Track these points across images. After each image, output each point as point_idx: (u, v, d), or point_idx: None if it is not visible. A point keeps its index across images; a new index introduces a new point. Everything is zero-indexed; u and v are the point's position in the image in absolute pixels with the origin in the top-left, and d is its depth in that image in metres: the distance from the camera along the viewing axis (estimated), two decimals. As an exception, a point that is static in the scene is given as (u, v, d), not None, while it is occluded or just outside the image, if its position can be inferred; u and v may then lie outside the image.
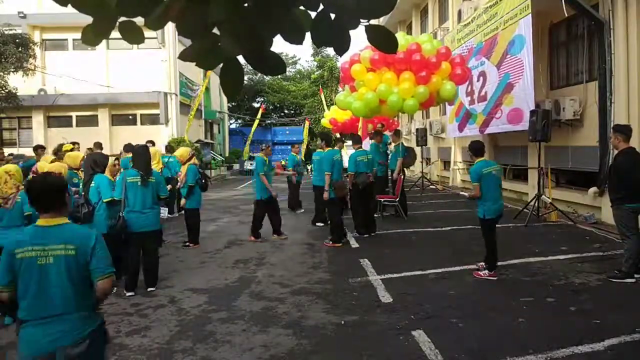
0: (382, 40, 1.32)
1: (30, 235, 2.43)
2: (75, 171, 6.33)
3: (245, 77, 35.15)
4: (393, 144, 10.81)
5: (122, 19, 1.36)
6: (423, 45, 9.30)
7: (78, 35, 20.62)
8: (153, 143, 10.92)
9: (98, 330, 2.50)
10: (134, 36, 1.41)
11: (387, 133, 11.71)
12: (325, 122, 18.82)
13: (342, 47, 1.32)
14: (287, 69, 43.43)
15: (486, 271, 5.76)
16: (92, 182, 5.74)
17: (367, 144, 13.14)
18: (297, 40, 1.29)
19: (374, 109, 9.41)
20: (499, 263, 6.28)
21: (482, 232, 5.88)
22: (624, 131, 5.53)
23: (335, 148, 8.60)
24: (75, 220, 4.67)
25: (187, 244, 8.10)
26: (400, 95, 8.98)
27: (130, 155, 6.87)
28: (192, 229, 8.17)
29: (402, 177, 10.20)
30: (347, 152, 24.98)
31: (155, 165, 8.28)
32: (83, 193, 5.55)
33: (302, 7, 1.27)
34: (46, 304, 2.37)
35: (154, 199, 5.84)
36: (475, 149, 5.95)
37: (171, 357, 3.93)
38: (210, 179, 9.01)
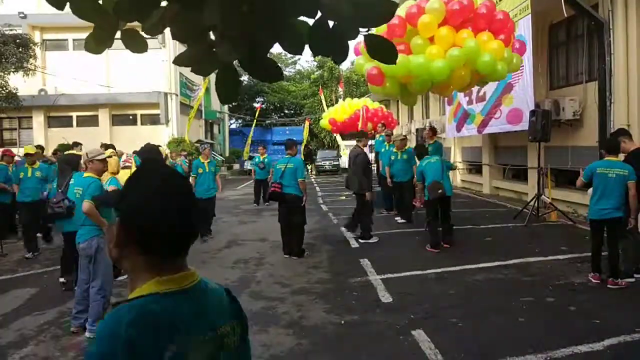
0: (381, 51, 1.33)
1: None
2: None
3: (245, 77, 35.24)
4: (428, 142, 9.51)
5: (125, 26, 1.37)
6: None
7: (78, 36, 20.67)
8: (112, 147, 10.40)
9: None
10: (137, 45, 1.42)
11: (384, 133, 11.64)
12: (324, 122, 18.86)
13: (340, 56, 1.33)
14: (287, 69, 43.49)
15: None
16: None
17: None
18: (297, 50, 1.30)
19: (457, 71, 7.17)
20: (499, 263, 6.32)
21: None
22: (626, 132, 5.58)
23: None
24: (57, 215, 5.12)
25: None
26: (494, 56, 6.95)
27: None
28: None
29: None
30: (346, 154, 24.85)
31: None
32: (61, 190, 5.61)
33: (300, 17, 1.28)
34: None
35: None
36: (605, 147, 5.62)
37: (172, 358, 3.94)
38: None
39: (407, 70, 7.05)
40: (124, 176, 6.74)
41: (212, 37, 1.36)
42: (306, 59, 65.59)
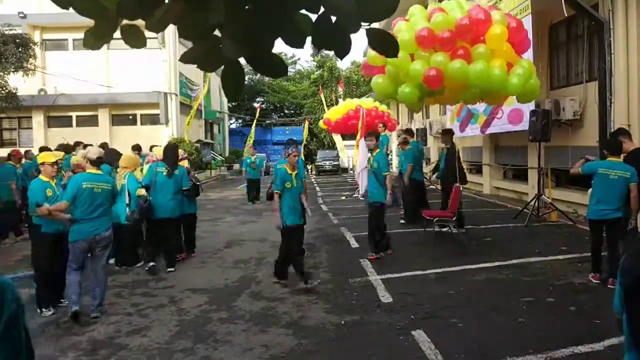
0: (383, 44, 1.32)
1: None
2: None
3: (246, 77, 35.52)
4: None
5: (124, 22, 1.37)
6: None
7: (78, 35, 20.66)
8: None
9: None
10: (136, 40, 1.41)
11: (386, 133, 11.62)
12: (322, 123, 18.83)
13: (342, 50, 1.32)
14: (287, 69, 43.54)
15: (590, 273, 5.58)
16: None
17: (363, 143, 13.12)
18: (298, 44, 1.29)
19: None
20: (499, 263, 6.31)
21: None
22: (626, 132, 5.58)
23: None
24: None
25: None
26: (536, 78, 6.93)
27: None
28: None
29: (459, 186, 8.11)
30: (346, 154, 24.95)
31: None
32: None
33: (302, 11, 1.28)
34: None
35: (177, 190, 6.80)
36: (607, 147, 5.55)
37: (171, 357, 3.94)
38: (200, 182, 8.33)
39: (486, 80, 6.31)
40: (137, 173, 6.90)
41: (218, 34, 1.36)
42: (306, 59, 65.50)
